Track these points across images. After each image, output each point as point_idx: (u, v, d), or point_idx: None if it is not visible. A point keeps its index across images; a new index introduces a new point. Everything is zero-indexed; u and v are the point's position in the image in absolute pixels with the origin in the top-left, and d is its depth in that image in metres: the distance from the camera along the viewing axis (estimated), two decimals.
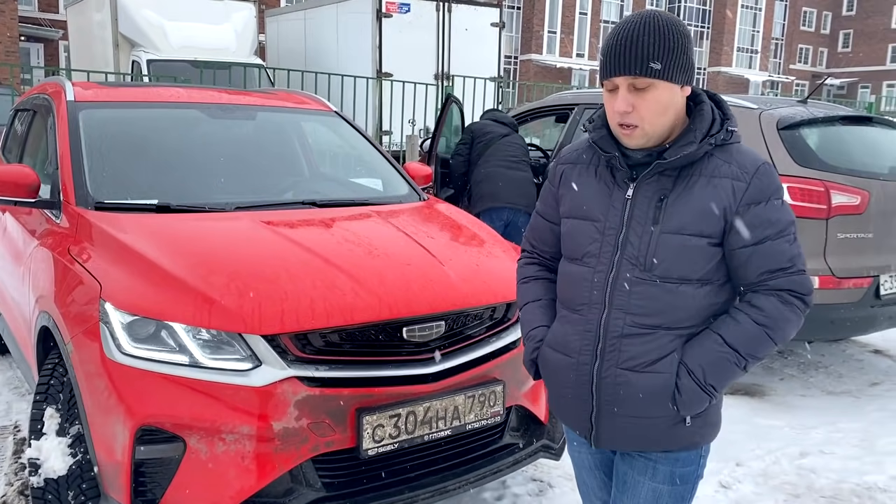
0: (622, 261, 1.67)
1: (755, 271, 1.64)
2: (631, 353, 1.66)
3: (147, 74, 10.86)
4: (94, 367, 2.36)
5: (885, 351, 5.41)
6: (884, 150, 4.60)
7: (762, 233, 1.62)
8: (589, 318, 1.71)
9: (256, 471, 2.31)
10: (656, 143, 1.66)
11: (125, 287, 2.44)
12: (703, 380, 1.64)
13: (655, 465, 1.75)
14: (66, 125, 3.33)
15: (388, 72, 11.21)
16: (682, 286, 1.64)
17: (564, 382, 1.76)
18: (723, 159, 1.64)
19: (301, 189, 3.72)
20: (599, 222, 1.71)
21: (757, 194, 1.62)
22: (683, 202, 1.64)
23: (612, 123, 1.68)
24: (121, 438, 2.28)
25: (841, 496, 3.22)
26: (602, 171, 1.75)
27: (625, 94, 1.61)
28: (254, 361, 2.32)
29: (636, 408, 1.68)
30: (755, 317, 1.63)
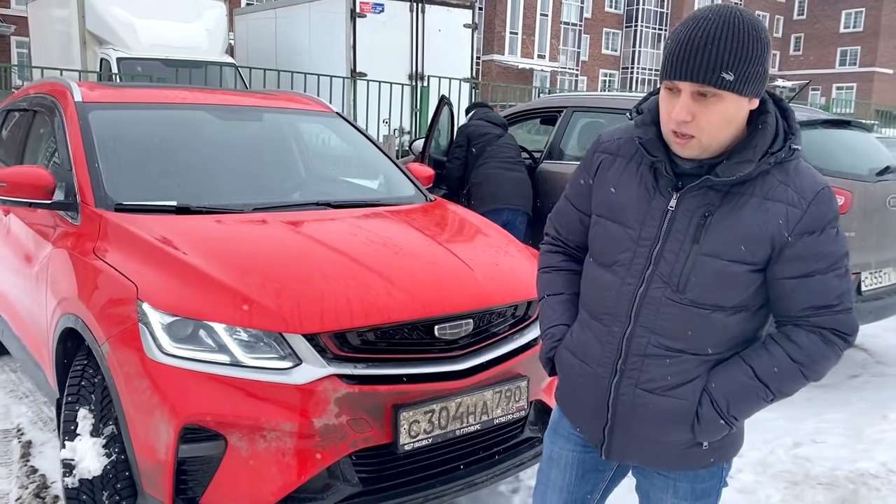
0: (654, 276, 1.54)
1: (798, 305, 1.52)
2: (652, 374, 1.57)
3: (117, 73, 10.70)
4: (134, 367, 2.38)
5: (860, 345, 5.64)
6: (862, 152, 4.80)
7: (812, 266, 1.49)
8: (612, 329, 1.61)
9: (297, 467, 2.36)
10: (712, 154, 1.51)
11: (162, 288, 2.47)
12: (727, 411, 1.55)
13: (676, 483, 1.70)
14: (77, 126, 3.31)
15: (363, 72, 11.23)
16: (714, 313, 1.53)
17: (580, 389, 1.71)
18: (779, 179, 1.50)
19: (311, 190, 3.77)
20: (634, 230, 1.57)
21: (812, 223, 1.48)
22: (730, 224, 1.50)
23: (664, 127, 1.51)
24: (164, 437, 2.31)
25: (837, 482, 3.38)
26: (644, 172, 1.59)
27: (686, 102, 1.44)
28: (294, 360, 2.36)
29: (652, 430, 1.61)
30: (791, 353, 1.52)
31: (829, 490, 3.32)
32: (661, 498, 1.73)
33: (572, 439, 1.82)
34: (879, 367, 5.17)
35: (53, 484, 3.26)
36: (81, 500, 2.51)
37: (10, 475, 3.36)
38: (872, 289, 4.54)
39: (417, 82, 11.62)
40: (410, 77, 11.85)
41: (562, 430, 1.85)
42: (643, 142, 1.57)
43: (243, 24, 14.46)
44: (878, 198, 4.52)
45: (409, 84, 11.35)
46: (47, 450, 3.59)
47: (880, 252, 4.56)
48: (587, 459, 1.81)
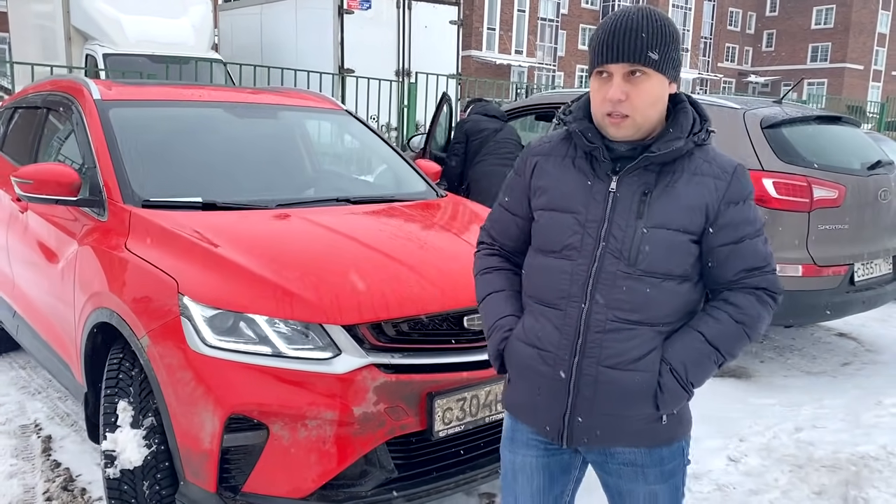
0: (605, 254, 1.64)
1: (733, 269, 1.67)
2: (613, 349, 1.64)
3: (104, 69, 10.63)
4: (177, 359, 2.44)
5: (848, 334, 5.82)
6: (853, 147, 4.97)
7: (742, 231, 1.65)
8: (568, 312, 1.67)
9: (337, 454, 2.43)
10: (642, 136, 1.65)
11: (201, 282, 2.53)
12: (685, 377, 1.64)
13: (644, 469, 1.75)
14: (98, 124, 3.35)
15: (350, 68, 11.26)
16: (665, 282, 1.64)
17: (538, 378, 1.72)
18: (703, 158, 1.67)
19: (327, 186, 3.84)
20: (580, 214, 1.67)
21: (736, 194, 1.65)
22: (668, 197, 1.63)
23: (598, 113, 1.64)
24: (209, 427, 2.37)
25: (840, 465, 3.53)
26: (580, 163, 1.70)
27: (620, 82, 1.58)
28: (334, 350, 2.44)
29: (615, 406, 1.67)
30: (735, 315, 1.65)
31: (833, 472, 3.46)
32: (632, 489, 1.77)
33: (532, 444, 1.83)
34: (869, 354, 5.35)
35: (79, 477, 3.31)
36: (123, 491, 2.57)
37: (34, 469, 3.39)
38: (864, 279, 4.70)
39: (404, 79, 11.67)
40: (397, 73, 11.88)
41: (520, 437, 1.86)
42: (581, 130, 1.67)
43: (227, 19, 14.38)
44: (870, 191, 4.69)
45: (396, 80, 11.39)
46: (68, 444, 3.63)
47: (871, 244, 4.73)
48: (552, 463, 1.84)
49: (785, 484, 3.36)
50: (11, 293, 4.00)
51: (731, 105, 4.81)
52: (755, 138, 4.58)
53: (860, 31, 53.86)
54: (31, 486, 3.26)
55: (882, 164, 4.87)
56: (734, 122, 4.68)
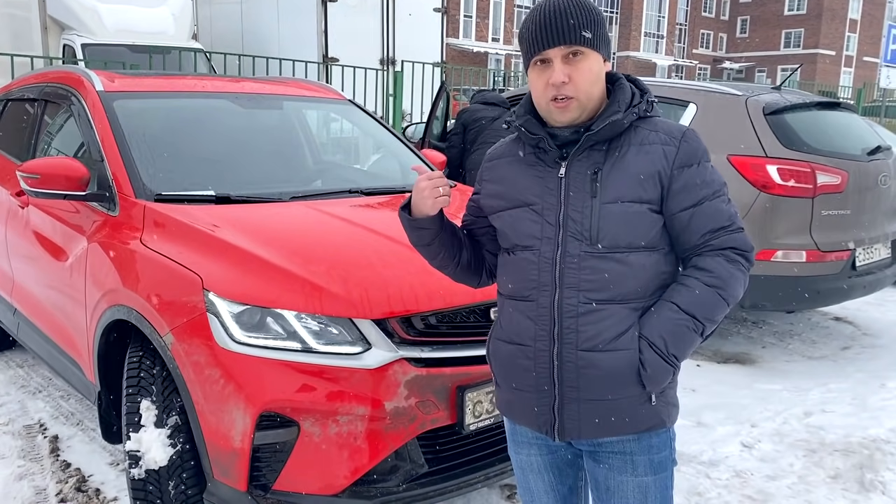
0: (566, 238, 1.63)
1: (697, 233, 1.65)
2: (589, 332, 1.62)
3: (83, 59, 10.42)
4: (205, 357, 2.39)
5: (845, 318, 5.88)
6: (853, 133, 5.00)
7: (699, 193, 1.64)
8: (540, 301, 1.66)
9: (369, 450, 2.40)
10: (587, 117, 1.65)
11: (227, 277, 2.48)
12: (666, 350, 1.62)
13: (633, 457, 1.72)
14: (104, 116, 3.27)
15: (335, 57, 11.14)
16: (630, 255, 1.62)
17: (522, 374, 1.71)
18: (649, 129, 1.66)
19: (336, 177, 3.78)
20: (536, 205, 1.68)
21: (688, 157, 1.64)
22: (618, 172, 1.63)
23: (542, 102, 1.65)
24: (240, 425, 2.33)
25: (852, 449, 3.56)
26: (529, 158, 1.72)
27: (560, 66, 1.60)
28: (364, 345, 2.40)
29: (601, 389, 1.64)
30: (705, 279, 1.63)
31: (846, 456, 3.49)
32: (621, 480, 1.73)
33: (534, 444, 1.83)
34: (868, 338, 5.41)
35: (91, 477, 3.25)
36: (148, 491, 2.52)
37: (43, 470, 3.33)
38: (865, 264, 4.74)
39: (389, 67, 11.57)
40: (382, 62, 11.79)
41: (520, 438, 1.86)
42: (522, 125, 1.70)
43: (206, 8, 14.15)
44: (871, 176, 4.73)
45: (380, 69, 11.30)
46: (76, 443, 3.57)
47: (872, 229, 4.77)
48: (556, 459, 1.84)
49: (800, 469, 3.38)
50: (11, 291, 3.91)
51: (733, 91, 4.82)
52: (758, 125, 4.59)
53: (832, 17, 54.41)
54: (41, 487, 3.19)
55: (881, 150, 4.91)
56: (736, 108, 4.69)
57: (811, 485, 3.24)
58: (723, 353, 4.99)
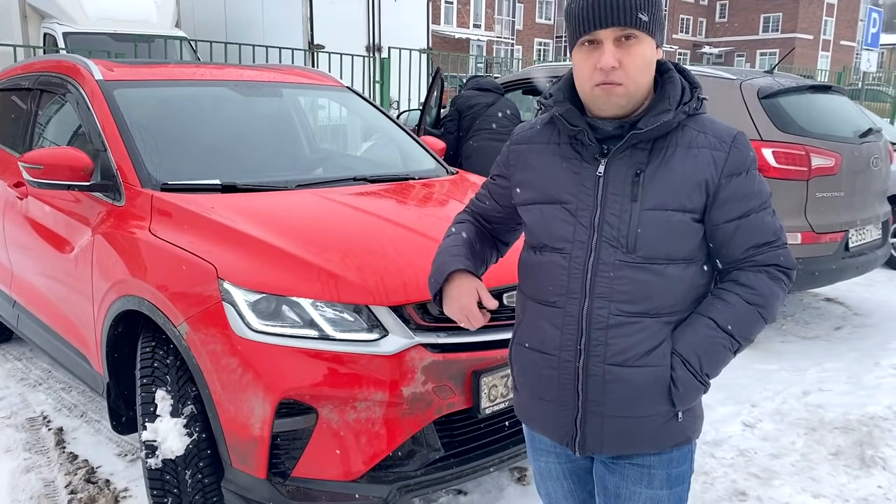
0: (601, 244, 1.52)
1: (741, 247, 1.54)
2: (619, 345, 1.52)
3: (64, 48, 10.27)
4: (222, 346, 2.39)
5: (836, 299, 5.96)
6: (845, 115, 5.06)
7: (747, 205, 1.52)
8: (568, 309, 1.55)
9: (387, 436, 2.41)
10: (630, 110, 1.52)
11: (241, 266, 2.47)
12: (700, 369, 1.53)
13: (651, 470, 1.63)
14: (105, 106, 3.24)
15: (320, 44, 11.07)
16: (669, 267, 1.52)
17: (544, 384, 1.62)
18: (697, 129, 1.53)
19: (337, 165, 3.78)
20: (570, 204, 1.55)
21: (737, 165, 1.52)
22: (663, 176, 1.50)
23: (587, 86, 1.51)
24: (259, 413, 2.33)
25: (851, 426, 3.63)
26: (565, 150, 1.59)
27: (611, 49, 1.46)
28: (381, 332, 2.41)
29: (627, 406, 1.55)
30: (746, 296, 1.53)
31: (846, 434, 3.56)
32: (634, 491, 1.65)
33: (553, 451, 1.77)
34: (859, 318, 5.49)
35: (99, 468, 3.25)
36: (165, 481, 2.53)
37: (50, 463, 3.31)
38: (858, 245, 4.81)
39: (375, 54, 11.52)
40: (368, 49, 11.73)
41: (539, 445, 1.80)
42: (563, 114, 1.56)
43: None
44: (863, 159, 4.79)
45: (367, 56, 11.24)
46: (81, 435, 3.55)
47: (864, 210, 4.84)
48: (575, 467, 1.77)
49: (802, 447, 3.44)
50: (10, 283, 3.88)
51: (727, 76, 4.85)
52: (753, 109, 4.63)
53: (810, 1, 54.72)
54: (49, 480, 3.18)
55: (872, 132, 4.97)
56: (731, 92, 4.73)
57: (814, 462, 3.30)
58: None
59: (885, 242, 5.19)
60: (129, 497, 3.02)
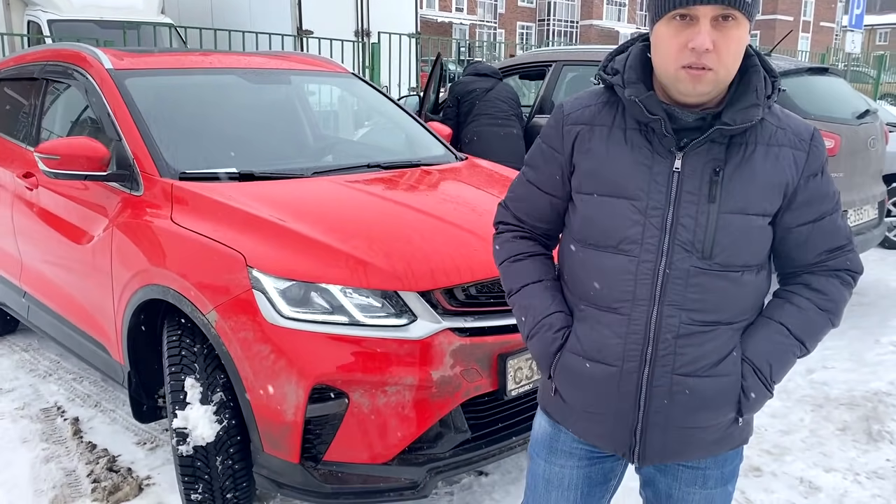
0: (674, 247, 1.39)
1: (815, 251, 1.47)
2: (690, 355, 1.42)
3: (49, 35, 10.14)
4: (253, 333, 2.41)
5: None
6: (842, 97, 5.13)
7: (822, 208, 1.44)
8: (634, 317, 1.42)
9: (416, 419, 2.45)
10: (712, 98, 1.38)
11: (269, 254, 2.49)
12: (770, 377, 1.46)
13: (705, 472, 1.58)
14: (117, 95, 3.22)
15: (309, 29, 11.00)
16: (745, 275, 1.42)
17: (600, 397, 1.49)
18: (775, 124, 1.42)
19: (348, 152, 3.78)
20: (639, 200, 1.40)
21: (815, 165, 1.43)
22: (744, 176, 1.38)
23: (670, 66, 1.34)
24: (292, 399, 2.36)
25: (856, 402, 3.71)
26: (633, 137, 1.43)
27: (708, 28, 1.30)
28: (410, 317, 2.44)
29: (694, 416, 1.46)
30: (819, 302, 1.47)
31: (852, 410, 3.64)
32: (688, 492, 1.60)
33: (576, 454, 1.63)
34: (856, 297, 5.57)
35: (119, 457, 3.26)
36: (196, 467, 2.55)
37: (69, 452, 3.32)
38: (856, 225, 4.90)
39: (364, 38, 11.48)
40: (356, 34, 11.68)
41: (561, 447, 1.65)
42: (641, 100, 1.39)
43: None
44: (861, 140, 4.86)
45: (356, 41, 11.20)
46: (97, 425, 3.56)
47: (862, 190, 4.92)
48: (593, 473, 1.65)
49: (810, 423, 3.52)
50: (20, 274, 3.86)
51: None
52: None
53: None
54: (70, 469, 3.19)
55: (869, 113, 5.05)
56: None
57: (823, 437, 3.39)
58: None
59: (881, 222, 5.28)
60: (153, 484, 3.04)
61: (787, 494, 2.91)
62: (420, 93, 6.39)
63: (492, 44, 25.54)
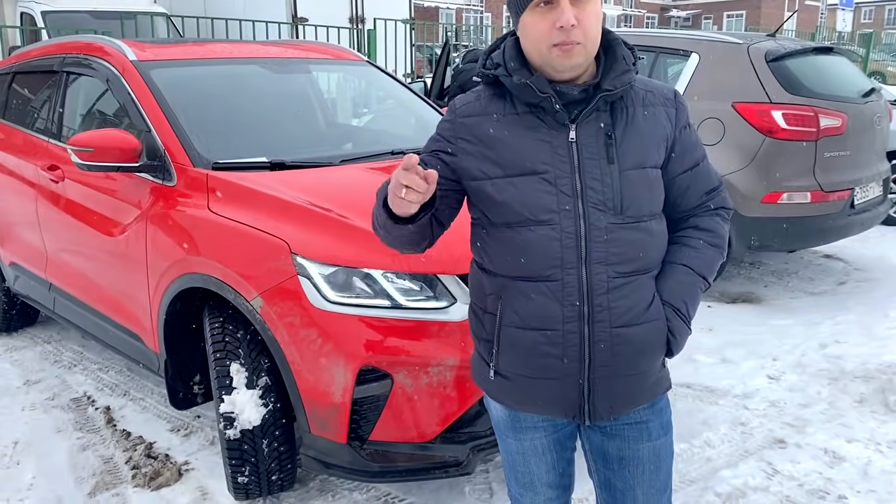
0: (588, 209, 1.50)
1: (696, 194, 1.65)
2: (623, 307, 1.53)
3: (43, 27, 10.08)
4: (300, 318, 2.46)
5: (834, 255, 6.16)
6: (847, 76, 5.20)
7: (696, 156, 1.64)
8: (566, 280, 1.51)
9: (458, 398, 2.51)
10: (589, 69, 1.54)
11: (312, 241, 2.54)
12: (688, 314, 1.62)
13: (647, 424, 1.69)
14: (144, 86, 3.25)
15: (304, 17, 10.98)
16: (651, 223, 1.57)
17: (546, 362, 1.56)
18: (644, 88, 1.60)
19: (369, 139, 3.83)
20: (547, 173, 1.51)
21: (684, 118, 1.62)
22: (633, 136, 1.54)
23: (542, 47, 1.48)
24: (340, 380, 2.42)
25: (871, 375, 3.81)
26: (526, 119, 1.55)
27: (569, 7, 1.45)
28: (449, 299, 2.50)
29: (633, 365, 1.57)
30: (709, 240, 1.64)
31: (867, 382, 3.74)
32: (636, 448, 1.69)
33: (540, 427, 1.72)
34: (860, 273, 5.69)
35: (155, 444, 3.31)
36: (243, 451, 2.62)
37: (104, 441, 3.37)
38: (862, 202, 4.98)
39: (359, 25, 11.47)
40: (351, 20, 11.66)
41: (523, 424, 1.73)
42: (531, 82, 1.50)
43: None
44: (867, 118, 4.94)
45: (351, 27, 11.19)
46: (129, 413, 3.61)
47: (867, 168, 5.01)
48: (560, 437, 1.75)
49: (828, 396, 3.61)
50: (45, 267, 3.89)
51: (734, 41, 4.96)
52: (761, 72, 4.75)
53: None
54: (108, 457, 3.24)
55: (874, 91, 5.13)
56: (739, 56, 4.84)
57: (841, 410, 3.48)
58: (729, 293, 5.22)
59: (885, 199, 5.37)
60: (192, 469, 3.10)
61: (812, 465, 3.00)
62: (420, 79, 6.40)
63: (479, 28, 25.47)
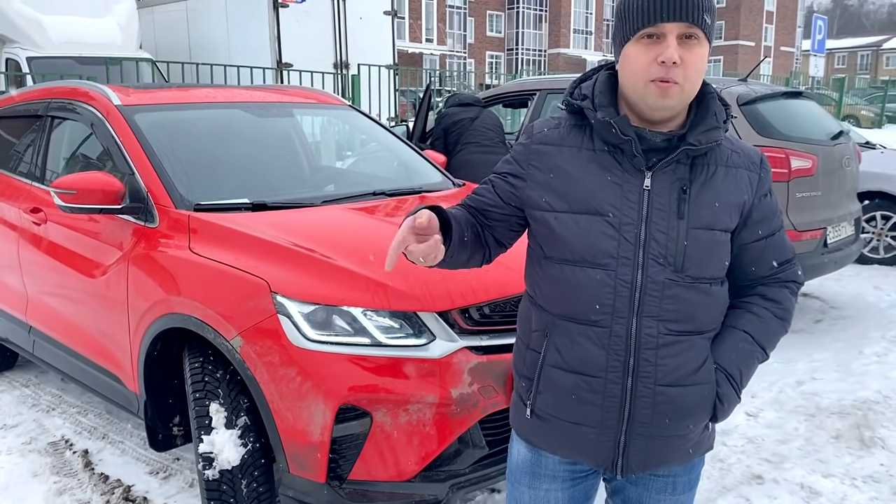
0: (647, 260, 1.47)
1: (768, 264, 1.60)
2: (670, 365, 1.50)
3: (28, 73, 10.17)
4: (279, 356, 2.48)
5: (811, 293, 6.26)
6: (817, 119, 5.35)
7: (773, 225, 1.58)
8: (615, 329, 1.49)
9: (437, 436, 2.53)
10: (680, 116, 1.50)
11: (292, 279, 2.57)
12: (741, 382, 1.57)
13: (675, 479, 1.67)
14: (128, 130, 3.30)
15: (289, 62, 11.16)
16: (713, 286, 1.53)
17: (584, 408, 1.54)
18: (730, 148, 1.55)
19: (350, 181, 3.89)
20: (612, 217, 1.48)
21: (766, 186, 1.57)
22: (709, 195, 1.49)
23: (640, 81, 1.44)
24: (319, 419, 2.43)
25: (847, 411, 3.86)
26: (602, 158, 1.51)
27: (675, 44, 1.40)
28: (429, 336, 2.53)
29: (675, 425, 1.54)
30: (775, 311, 1.60)
31: (843, 418, 3.79)
32: (658, 499, 1.68)
33: (559, 476, 1.68)
34: (836, 311, 5.78)
35: (133, 487, 3.28)
36: (222, 491, 2.61)
37: (81, 485, 3.34)
38: (835, 241, 5.09)
39: (343, 71, 11.66)
40: (335, 66, 11.86)
41: (544, 471, 1.68)
42: (614, 121, 1.48)
43: (149, 17, 13.91)
44: (836, 160, 5.08)
45: (335, 73, 11.38)
46: (107, 456, 3.59)
47: (839, 208, 5.12)
48: (577, 493, 1.70)
49: (805, 432, 3.66)
50: (25, 309, 3.89)
51: None
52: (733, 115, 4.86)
53: (750, 9, 56.46)
54: (85, 500, 3.21)
55: (843, 134, 5.27)
56: None
57: (818, 445, 3.52)
58: None
59: (858, 238, 5.49)
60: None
61: (789, 500, 3.03)
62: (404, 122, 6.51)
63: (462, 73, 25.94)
